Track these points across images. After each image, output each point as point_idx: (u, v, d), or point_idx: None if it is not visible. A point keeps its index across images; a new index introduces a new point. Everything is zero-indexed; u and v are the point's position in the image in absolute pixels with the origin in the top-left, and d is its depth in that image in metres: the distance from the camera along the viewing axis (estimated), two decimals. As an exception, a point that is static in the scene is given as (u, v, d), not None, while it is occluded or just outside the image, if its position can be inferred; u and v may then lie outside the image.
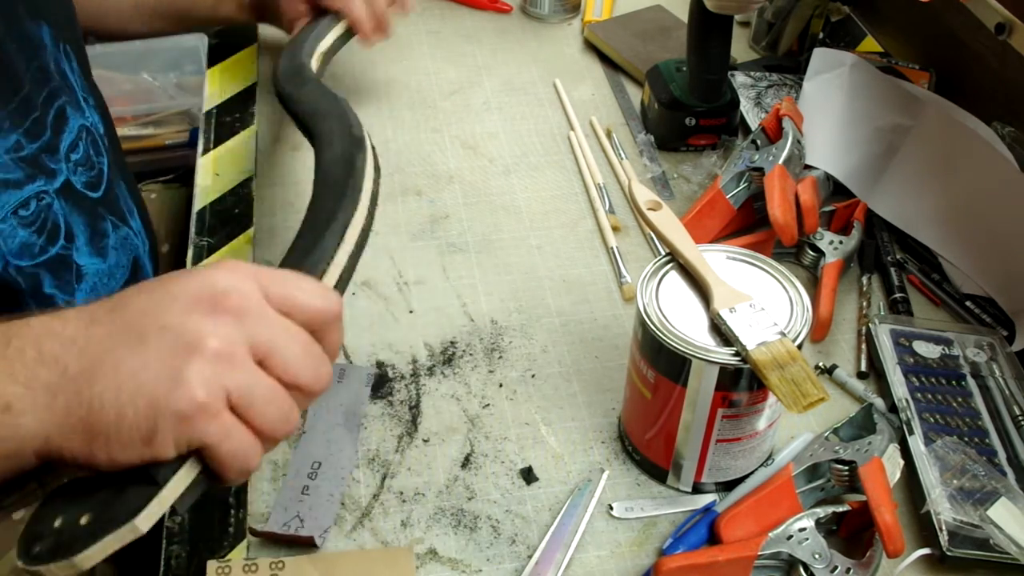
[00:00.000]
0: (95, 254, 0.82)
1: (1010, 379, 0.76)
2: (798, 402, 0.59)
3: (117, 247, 0.86)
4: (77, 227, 0.80)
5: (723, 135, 1.00)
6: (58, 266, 0.78)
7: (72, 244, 0.80)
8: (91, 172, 0.83)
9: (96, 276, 0.82)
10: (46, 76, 0.78)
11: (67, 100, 0.80)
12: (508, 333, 0.81)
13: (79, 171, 0.81)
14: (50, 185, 0.77)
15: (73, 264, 0.80)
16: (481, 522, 0.68)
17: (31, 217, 0.75)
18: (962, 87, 1.03)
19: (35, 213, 0.75)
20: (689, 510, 0.68)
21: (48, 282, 0.77)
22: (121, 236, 0.86)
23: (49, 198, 0.77)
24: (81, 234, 0.81)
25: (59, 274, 0.78)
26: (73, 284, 0.80)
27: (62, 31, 0.81)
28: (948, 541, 0.64)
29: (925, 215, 0.89)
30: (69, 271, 0.80)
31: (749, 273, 0.66)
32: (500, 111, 1.06)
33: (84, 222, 0.81)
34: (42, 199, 0.76)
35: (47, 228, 0.77)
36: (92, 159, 0.83)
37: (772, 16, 1.12)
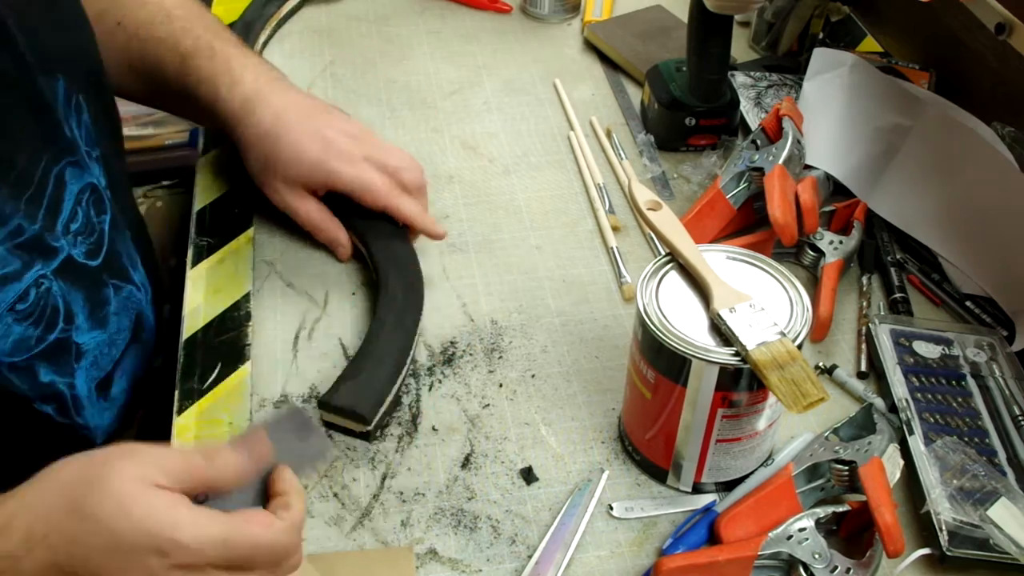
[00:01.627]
0: (95, 327, 0.77)
1: (1010, 379, 0.76)
2: (798, 402, 0.59)
3: (118, 311, 0.80)
4: (76, 305, 0.74)
5: (723, 135, 1.00)
6: (56, 352, 0.72)
7: (71, 325, 0.74)
8: (91, 239, 0.76)
9: (96, 349, 0.77)
10: (50, 140, 0.71)
11: (69, 161, 0.73)
12: (508, 333, 0.81)
13: (79, 241, 0.74)
14: (48, 267, 0.70)
15: (72, 345, 0.74)
16: (481, 522, 0.68)
17: (29, 308, 0.69)
18: (962, 87, 1.03)
19: (33, 303, 0.69)
20: (689, 510, 0.68)
21: (45, 371, 0.72)
22: (123, 297, 0.80)
23: (48, 281, 0.70)
24: (80, 311, 0.74)
25: (57, 359, 0.73)
26: (72, 365, 0.75)
27: (78, 82, 0.74)
28: (948, 541, 0.64)
29: (925, 215, 0.89)
30: (68, 353, 0.74)
31: (749, 273, 0.66)
32: (500, 111, 1.06)
33: (84, 297, 0.75)
34: (41, 284, 0.70)
35: (45, 316, 0.71)
36: (92, 223, 0.76)
37: (772, 16, 1.12)
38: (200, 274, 0.85)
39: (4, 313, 0.67)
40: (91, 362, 0.77)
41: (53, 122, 0.72)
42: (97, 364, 0.78)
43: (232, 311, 0.82)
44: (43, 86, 0.70)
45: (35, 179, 0.70)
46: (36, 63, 0.69)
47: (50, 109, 0.72)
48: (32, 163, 0.70)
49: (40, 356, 0.72)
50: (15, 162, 0.68)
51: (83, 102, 0.76)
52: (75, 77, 0.75)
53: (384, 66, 1.12)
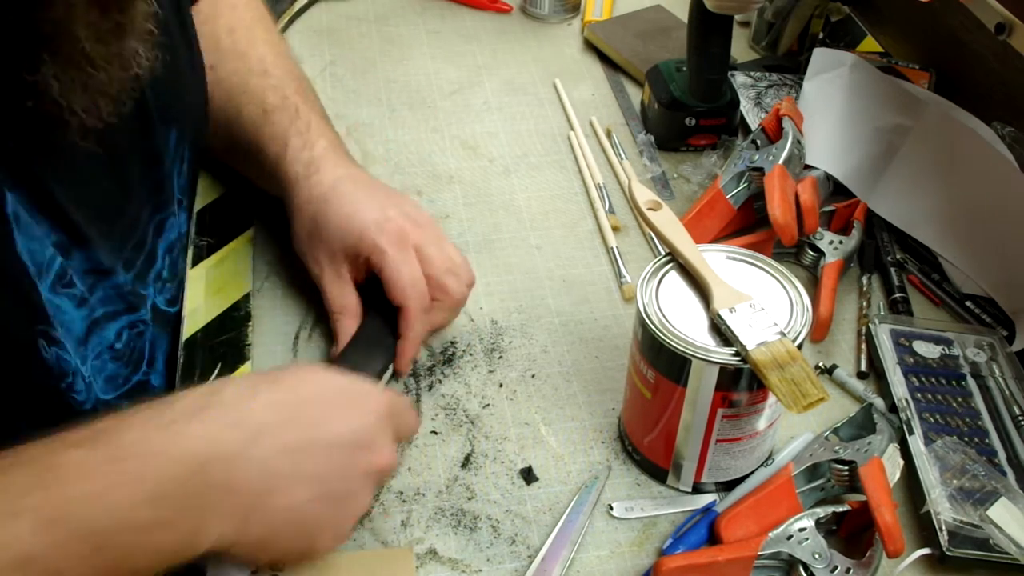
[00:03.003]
0: (168, 370, 0.77)
1: (1010, 379, 0.76)
2: (798, 402, 0.59)
3: None
4: (159, 349, 0.75)
5: (723, 135, 1.00)
6: (138, 393, 0.72)
7: (152, 368, 0.75)
8: (172, 285, 0.77)
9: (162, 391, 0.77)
10: (159, 189, 0.72)
11: (171, 211, 0.74)
12: (508, 333, 0.81)
13: (165, 288, 0.76)
14: (138, 315, 0.71)
15: (151, 388, 0.75)
16: (481, 522, 0.68)
17: (123, 349, 0.70)
18: (962, 87, 1.03)
19: (127, 344, 0.70)
20: (689, 510, 0.68)
21: None
22: None
23: (143, 326, 0.72)
24: (160, 356, 0.76)
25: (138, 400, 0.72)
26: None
27: (187, 133, 0.75)
28: (948, 541, 0.64)
29: (925, 215, 0.89)
30: (147, 395, 0.74)
31: (749, 273, 0.66)
32: (500, 111, 1.06)
33: (167, 342, 0.76)
34: (135, 327, 0.71)
35: (134, 358, 0.72)
36: (178, 267, 0.77)
37: (772, 16, 1.12)
38: (200, 274, 0.85)
39: (105, 350, 0.68)
40: None
41: (162, 173, 0.72)
42: None
43: (232, 311, 0.82)
44: (159, 136, 0.70)
45: (139, 228, 0.71)
46: (156, 113, 0.69)
47: (161, 160, 0.72)
48: (139, 211, 0.70)
49: (126, 396, 0.72)
50: (126, 210, 0.69)
51: (187, 153, 0.76)
52: (185, 129, 0.75)
53: (384, 66, 1.12)
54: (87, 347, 0.67)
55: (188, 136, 0.76)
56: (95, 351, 0.67)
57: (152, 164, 0.71)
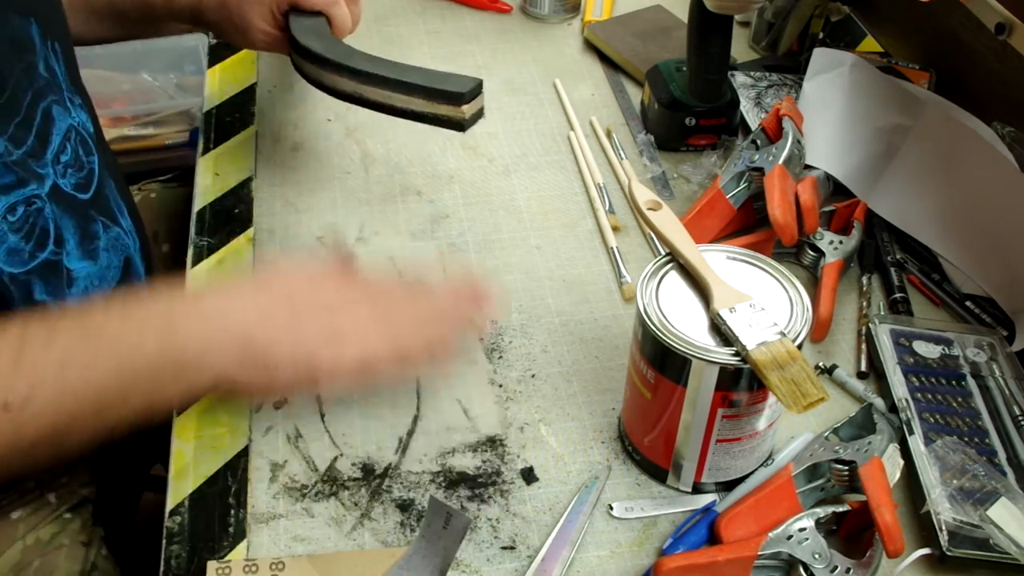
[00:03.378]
0: (86, 257, 0.81)
1: (1010, 379, 0.76)
2: (798, 402, 0.59)
3: (108, 248, 0.85)
4: (67, 231, 0.79)
5: (723, 135, 1.00)
6: (48, 272, 0.77)
7: (62, 249, 0.78)
8: (80, 173, 0.81)
9: (87, 279, 0.81)
10: (33, 76, 0.76)
11: (54, 99, 0.79)
12: (508, 333, 0.81)
13: (68, 172, 0.80)
14: (40, 189, 0.76)
15: (64, 269, 0.79)
16: (481, 522, 0.68)
17: (19, 222, 0.74)
18: (962, 87, 1.03)
19: (23, 218, 0.74)
20: (689, 510, 0.68)
21: (39, 289, 0.77)
22: (112, 237, 0.85)
23: (40, 203, 0.76)
24: (71, 238, 0.79)
25: (50, 280, 0.77)
26: (64, 289, 0.79)
27: (50, 27, 0.80)
28: (948, 541, 0.64)
29: (925, 215, 0.89)
30: (59, 276, 0.79)
31: (749, 273, 0.66)
32: (500, 111, 1.06)
33: (74, 225, 0.80)
34: (32, 204, 0.75)
35: (35, 233, 0.76)
36: (82, 159, 0.82)
37: (772, 16, 1.12)
38: (200, 274, 0.85)
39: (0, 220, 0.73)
40: (82, 290, 0.81)
41: (32, 60, 0.77)
42: (87, 294, 0.82)
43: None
44: (18, 24, 0.75)
45: (23, 108, 0.75)
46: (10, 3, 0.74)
47: (28, 47, 0.76)
48: (18, 92, 0.74)
49: (34, 272, 0.76)
50: (3, 89, 0.72)
51: (59, 48, 0.81)
52: (47, 21, 0.79)
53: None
54: None
55: (52, 31, 0.80)
56: None
57: (20, 49, 0.75)
